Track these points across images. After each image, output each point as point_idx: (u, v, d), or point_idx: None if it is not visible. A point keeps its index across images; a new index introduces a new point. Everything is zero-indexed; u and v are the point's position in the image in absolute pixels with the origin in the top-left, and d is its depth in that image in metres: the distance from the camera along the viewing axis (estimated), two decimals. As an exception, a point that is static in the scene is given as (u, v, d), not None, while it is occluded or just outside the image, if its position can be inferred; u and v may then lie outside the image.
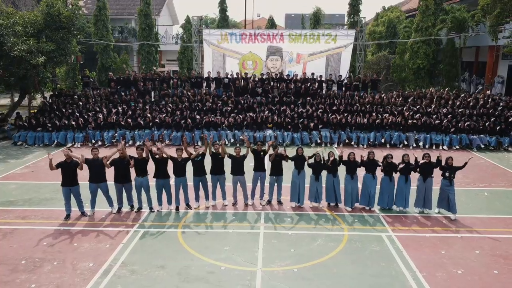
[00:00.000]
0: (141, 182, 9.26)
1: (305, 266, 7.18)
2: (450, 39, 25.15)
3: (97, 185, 9.14)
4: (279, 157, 9.79)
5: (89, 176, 9.19)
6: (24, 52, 16.19)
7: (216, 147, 9.82)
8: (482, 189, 11.61)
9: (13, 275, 6.86)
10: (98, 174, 9.07)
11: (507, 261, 7.51)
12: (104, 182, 9.17)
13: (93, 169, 9.07)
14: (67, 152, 9.14)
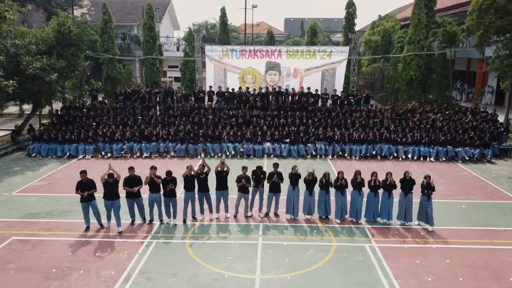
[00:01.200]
0: (154, 198, 10.37)
1: (297, 274, 8.31)
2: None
3: (111, 202, 10.11)
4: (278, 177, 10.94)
5: (104, 194, 10.12)
6: (38, 70, 17.32)
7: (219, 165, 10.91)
8: (461, 201, 12.75)
9: (47, 282, 7.99)
10: (112, 193, 10.06)
11: (474, 269, 8.64)
12: (118, 199, 10.17)
13: (108, 188, 10.03)
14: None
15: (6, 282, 8.01)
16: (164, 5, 54.32)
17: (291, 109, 19.84)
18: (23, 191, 13.49)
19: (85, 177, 10.00)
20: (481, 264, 8.83)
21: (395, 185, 10.55)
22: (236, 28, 66.29)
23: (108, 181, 9.95)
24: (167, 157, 17.70)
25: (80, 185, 9.96)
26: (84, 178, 9.97)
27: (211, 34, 64.84)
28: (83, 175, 9.99)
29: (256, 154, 17.63)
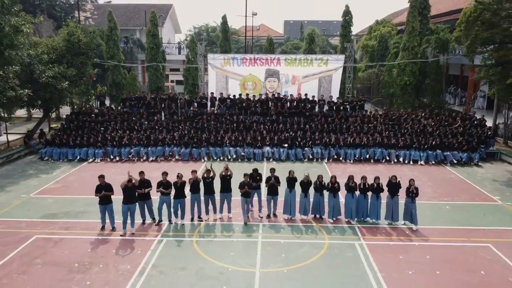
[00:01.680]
0: (165, 200, 11.38)
1: (293, 268, 9.34)
2: (435, 56, 27.32)
3: (128, 206, 11.06)
4: (276, 180, 11.97)
5: (123, 198, 11.02)
6: (51, 78, 18.38)
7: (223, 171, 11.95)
8: (445, 202, 13.78)
9: (71, 275, 9.02)
10: (130, 197, 11.02)
11: (451, 264, 9.67)
12: (135, 203, 11.12)
13: (127, 192, 10.98)
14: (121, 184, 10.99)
15: (36, 274, 9.05)
16: (165, 9, 55.44)
17: (289, 114, 20.89)
18: (39, 193, 14.52)
19: (103, 181, 10.99)
20: (458, 260, 9.86)
21: (382, 188, 11.58)
22: (236, 31, 67.17)
23: (127, 185, 10.86)
24: (172, 160, 18.75)
25: (99, 189, 10.96)
26: (102, 182, 10.97)
27: (212, 37, 65.92)
28: (101, 179, 10.99)
29: (256, 157, 18.68)
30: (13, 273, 9.11)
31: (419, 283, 8.79)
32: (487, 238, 11.10)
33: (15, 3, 16.31)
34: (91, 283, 8.68)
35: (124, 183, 10.84)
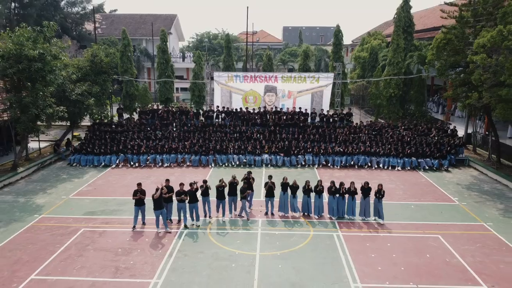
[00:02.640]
0: (181, 206, 14.19)
1: (284, 252, 12.32)
2: (418, 70, 30.30)
3: (160, 211, 13.82)
4: (271, 187, 14.96)
5: (154, 205, 13.77)
6: (79, 95, 21.35)
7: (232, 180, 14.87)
8: (411, 202, 16.77)
9: (117, 257, 11.99)
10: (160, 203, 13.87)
11: (404, 250, 12.60)
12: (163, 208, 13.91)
13: (157, 201, 13.77)
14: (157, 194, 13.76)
15: (90, 257, 12.01)
16: (170, 19, 58.41)
17: (285, 125, 23.90)
18: (76, 195, 17.50)
19: (140, 188, 13.87)
20: (411, 247, 12.84)
21: (356, 191, 14.58)
22: (237, 38, 70.08)
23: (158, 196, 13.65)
24: (184, 166, 21.74)
25: (136, 193, 13.84)
26: (139, 188, 13.86)
27: (214, 44, 68.86)
28: (139, 186, 13.89)
29: (256, 164, 21.66)
30: (73, 256, 12.09)
31: (378, 263, 11.78)
32: (438, 230, 14.09)
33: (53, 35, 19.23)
34: (134, 263, 11.67)
35: (157, 195, 13.55)
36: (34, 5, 41.05)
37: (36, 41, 18.07)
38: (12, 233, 13.73)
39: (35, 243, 12.96)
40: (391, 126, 24.69)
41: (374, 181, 17.27)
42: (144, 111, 24.81)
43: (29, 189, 18.22)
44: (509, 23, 16.20)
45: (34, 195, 17.40)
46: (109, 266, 11.52)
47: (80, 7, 51.25)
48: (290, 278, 10.96)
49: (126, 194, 17.21)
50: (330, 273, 11.19)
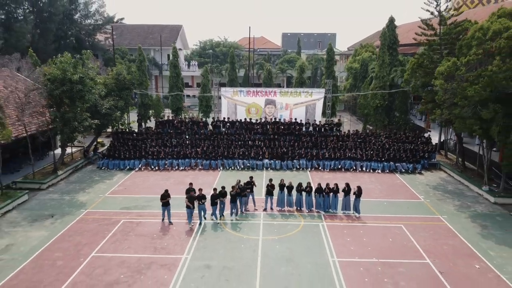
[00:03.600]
0: (202, 208, 17.83)
1: (281, 237, 16.13)
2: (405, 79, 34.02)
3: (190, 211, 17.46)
4: (270, 186, 18.77)
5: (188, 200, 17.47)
6: (108, 109, 25.15)
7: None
8: (385, 200, 20.59)
9: (153, 240, 15.80)
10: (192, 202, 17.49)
11: (373, 235, 16.41)
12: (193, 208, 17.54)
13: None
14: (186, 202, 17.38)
15: (133, 240, 15.80)
16: (176, 30, 62.22)
17: (283, 134, 27.71)
18: (111, 194, 21.31)
19: (167, 192, 17.61)
20: (378, 233, 16.65)
21: (338, 190, 18.40)
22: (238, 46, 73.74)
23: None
24: (196, 169, 25.53)
25: (164, 196, 17.54)
26: (166, 192, 17.59)
27: (216, 52, 72.49)
28: (166, 192, 17.62)
29: (258, 167, 25.45)
30: (120, 240, 15.90)
31: (351, 245, 15.60)
32: (402, 222, 17.90)
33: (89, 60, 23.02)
34: (167, 244, 15.48)
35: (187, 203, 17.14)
36: (53, 20, 44.74)
37: (76, 66, 21.87)
38: (67, 223, 17.53)
39: (88, 230, 16.79)
40: (374, 134, 28.54)
41: (356, 182, 21.14)
42: (161, 122, 28.63)
43: (70, 189, 22.02)
44: (463, 55, 20.03)
45: (76, 194, 21.21)
46: (149, 247, 15.34)
47: (93, 19, 54.92)
48: (285, 255, 14.77)
49: (151, 192, 21.03)
50: (315, 252, 15.02)
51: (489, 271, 13.97)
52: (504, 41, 18.02)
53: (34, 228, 17.14)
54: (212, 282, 13.01)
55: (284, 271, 13.66)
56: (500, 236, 16.75)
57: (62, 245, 15.57)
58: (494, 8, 30.01)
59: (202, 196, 17.35)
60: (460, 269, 14.03)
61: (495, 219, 18.57)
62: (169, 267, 13.91)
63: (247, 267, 13.93)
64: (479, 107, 18.92)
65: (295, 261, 14.33)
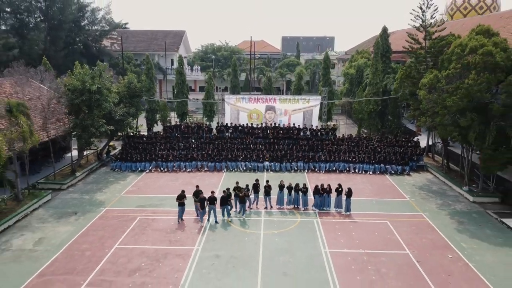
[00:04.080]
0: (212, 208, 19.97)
1: (280, 231, 18.34)
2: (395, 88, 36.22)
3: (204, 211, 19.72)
4: (268, 187, 20.96)
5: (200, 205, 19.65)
6: (121, 116, 27.34)
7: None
8: (374, 199, 22.78)
9: (168, 234, 18.00)
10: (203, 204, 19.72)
11: (361, 230, 18.61)
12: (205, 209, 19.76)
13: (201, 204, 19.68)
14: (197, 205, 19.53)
15: (149, 234, 17.98)
16: (179, 35, 64.42)
17: (282, 138, 29.90)
18: (126, 193, 23.50)
19: (183, 193, 19.76)
20: (365, 228, 18.85)
21: (331, 191, 20.60)
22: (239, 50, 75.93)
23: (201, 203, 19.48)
24: (202, 171, 27.72)
25: (180, 197, 19.67)
26: (182, 193, 19.74)
27: (218, 56, 74.68)
28: (182, 192, 19.76)
29: (259, 169, 27.64)
30: (138, 234, 18.09)
31: (341, 238, 17.80)
32: (388, 218, 20.09)
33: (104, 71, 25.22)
34: (180, 238, 17.68)
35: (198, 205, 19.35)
36: (63, 28, 46.84)
37: (93, 77, 24.06)
38: (90, 220, 19.72)
39: (109, 226, 18.99)
40: (367, 138, 30.74)
41: (349, 183, 23.38)
42: (169, 126, 30.82)
43: (88, 189, 24.21)
44: (444, 68, 22.23)
45: (94, 194, 23.40)
46: (164, 240, 17.54)
47: (100, 26, 56.95)
48: (283, 247, 16.97)
49: (162, 192, 23.26)
50: (309, 244, 17.22)
51: (459, 260, 16.18)
52: (479, 57, 20.20)
53: (60, 224, 19.34)
54: (221, 269, 15.22)
55: (282, 260, 15.87)
56: (474, 230, 18.96)
57: (88, 238, 17.77)
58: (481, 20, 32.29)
59: (213, 198, 19.41)
60: (435, 258, 16.23)
61: (472, 216, 20.79)
62: (183, 256, 16.12)
63: (251, 256, 16.14)
64: (457, 116, 21.12)
65: (292, 252, 16.54)
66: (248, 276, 14.78)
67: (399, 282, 14.45)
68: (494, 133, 20.57)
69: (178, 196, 19.65)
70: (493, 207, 21.93)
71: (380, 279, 14.65)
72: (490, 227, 19.40)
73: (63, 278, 14.67)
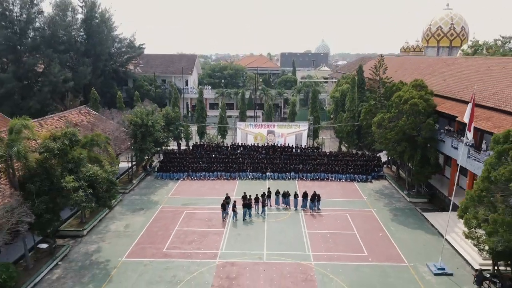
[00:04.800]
0: (246, 211, 30.72)
1: (277, 220, 28.95)
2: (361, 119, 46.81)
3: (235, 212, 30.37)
4: (269, 192, 31.60)
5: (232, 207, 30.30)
6: (163, 139, 37.93)
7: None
8: (341, 200, 33.37)
9: (207, 222, 28.59)
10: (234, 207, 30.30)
11: (327, 220, 29.18)
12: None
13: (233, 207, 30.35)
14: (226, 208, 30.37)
15: (195, 222, 28.57)
16: (192, 59, 75.05)
17: (280, 154, 40.49)
18: (171, 195, 34.08)
19: (227, 199, 30.38)
20: (331, 218, 29.43)
21: (307, 196, 31.23)
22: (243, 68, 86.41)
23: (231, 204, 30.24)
24: (221, 179, 38.27)
25: (224, 204, 30.26)
26: (226, 198, 30.34)
27: (224, 74, 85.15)
28: (226, 199, 30.38)
29: (262, 178, 38.21)
30: (187, 221, 28.66)
31: (316, 224, 28.42)
32: (348, 212, 30.68)
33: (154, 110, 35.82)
34: (215, 223, 28.29)
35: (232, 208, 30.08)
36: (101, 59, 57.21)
37: (148, 115, 34.66)
38: (153, 213, 30.27)
39: (167, 217, 29.54)
40: (342, 154, 41.37)
41: (327, 188, 34.09)
42: (195, 145, 41.46)
43: (143, 192, 34.78)
44: (389, 111, 32.79)
45: (149, 196, 33.97)
46: (205, 225, 28.14)
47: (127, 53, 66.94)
48: (279, 229, 27.55)
49: (196, 194, 33.81)
50: (295, 227, 27.82)
51: (386, 237, 26.76)
52: (408, 106, 30.77)
53: (135, 215, 29.90)
54: (242, 241, 25.79)
55: (278, 236, 26.46)
56: (402, 220, 29.53)
57: (156, 224, 28.34)
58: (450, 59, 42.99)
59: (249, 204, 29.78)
60: (371, 236, 26.81)
61: (405, 211, 31.38)
62: (218, 234, 26.71)
63: (260, 234, 26.73)
64: (395, 144, 31.73)
65: (285, 232, 27.14)
66: (258, 244, 25.37)
67: (346, 248, 25.05)
68: (420, 156, 31.28)
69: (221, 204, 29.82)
70: (421, 205, 32.52)
71: (335, 246, 25.27)
72: (414, 218, 30.02)
73: (150, 246, 25.24)
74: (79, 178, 21.70)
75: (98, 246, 25.15)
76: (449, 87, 34.84)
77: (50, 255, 23.28)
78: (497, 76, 31.17)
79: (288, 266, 22.75)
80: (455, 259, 23.88)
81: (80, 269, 22.44)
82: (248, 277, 21.55)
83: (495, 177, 17.14)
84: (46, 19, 49.79)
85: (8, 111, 39.96)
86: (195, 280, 21.31)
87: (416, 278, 21.75)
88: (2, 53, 45.01)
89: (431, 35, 77.93)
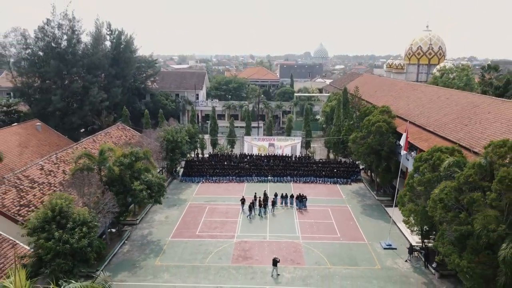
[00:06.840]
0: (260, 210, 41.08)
1: (276, 213, 39.38)
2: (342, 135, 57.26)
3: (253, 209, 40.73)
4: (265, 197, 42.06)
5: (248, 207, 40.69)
6: (187, 151, 48.34)
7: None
8: (324, 198, 43.77)
9: (225, 214, 38.99)
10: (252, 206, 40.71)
11: (312, 214, 39.57)
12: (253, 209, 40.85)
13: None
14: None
15: (216, 214, 38.99)
16: (202, 75, 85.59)
17: (279, 162, 50.90)
18: (195, 195, 44.50)
19: (243, 198, 40.78)
20: (314, 212, 39.80)
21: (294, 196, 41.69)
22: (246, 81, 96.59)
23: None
24: (232, 182, 48.63)
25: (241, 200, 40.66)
26: (242, 198, 40.74)
27: (229, 87, 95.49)
28: (243, 200, 40.75)
29: (264, 181, 48.60)
30: (211, 214, 39.05)
31: (305, 216, 38.84)
32: (329, 207, 41.08)
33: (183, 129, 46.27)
34: (231, 214, 38.71)
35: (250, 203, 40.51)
36: (127, 80, 67.48)
37: (177, 132, 45.08)
38: (184, 208, 40.65)
39: (195, 211, 39.93)
40: (328, 162, 51.83)
41: (315, 190, 44.49)
42: (211, 155, 51.86)
43: (173, 192, 45.16)
44: (361, 131, 43.16)
45: (179, 195, 44.36)
46: (224, 216, 38.55)
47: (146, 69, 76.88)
48: (277, 219, 37.98)
49: (214, 194, 44.16)
50: (289, 220, 38.23)
51: (355, 224, 37.16)
52: (374, 127, 41.14)
53: (171, 210, 40.30)
54: (252, 228, 36.16)
55: (277, 224, 36.83)
56: (369, 213, 39.92)
57: (188, 215, 38.74)
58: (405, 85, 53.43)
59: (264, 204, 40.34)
60: (344, 224, 37.20)
61: (372, 206, 41.80)
62: (235, 222, 37.08)
63: (264, 224, 37.13)
64: (366, 156, 42.15)
65: (282, 221, 37.55)
66: (263, 229, 35.76)
67: (324, 231, 35.43)
68: (384, 165, 41.79)
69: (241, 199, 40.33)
70: (386, 202, 42.86)
71: (317, 230, 35.68)
72: (378, 211, 40.45)
73: (186, 230, 35.65)
74: (140, 183, 32.06)
75: (149, 231, 35.56)
76: (410, 111, 45.36)
77: (119, 236, 33.67)
78: (442, 105, 41.68)
79: (284, 243, 33.16)
80: (400, 239, 34.32)
81: (141, 245, 32.84)
82: (257, 250, 31.96)
83: (412, 183, 27.57)
84: (84, 49, 60.05)
85: (53, 125, 50.74)
86: (221, 252, 31.70)
87: (370, 251, 32.18)
88: (53, 79, 55.40)
89: (412, 54, 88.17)
